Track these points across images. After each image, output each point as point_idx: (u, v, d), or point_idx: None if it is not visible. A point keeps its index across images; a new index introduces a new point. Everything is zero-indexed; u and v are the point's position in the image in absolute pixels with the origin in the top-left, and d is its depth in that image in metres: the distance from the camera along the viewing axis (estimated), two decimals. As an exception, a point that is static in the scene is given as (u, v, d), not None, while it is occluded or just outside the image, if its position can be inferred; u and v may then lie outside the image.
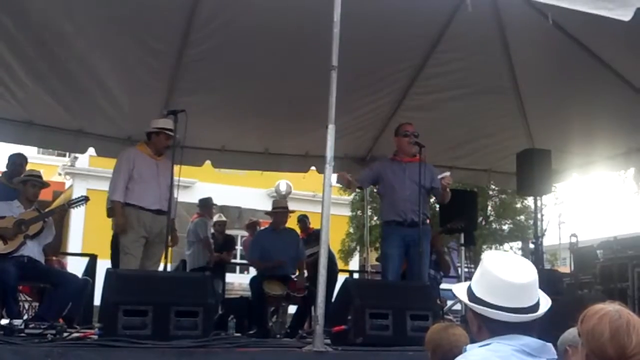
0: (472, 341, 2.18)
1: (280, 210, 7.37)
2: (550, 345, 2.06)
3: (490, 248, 21.26)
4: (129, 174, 5.89)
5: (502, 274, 2.04)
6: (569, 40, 6.34)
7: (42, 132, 7.28)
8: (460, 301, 2.11)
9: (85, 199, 6.20)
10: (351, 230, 19.56)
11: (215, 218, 9.82)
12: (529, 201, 17.10)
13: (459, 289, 2.15)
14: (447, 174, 5.97)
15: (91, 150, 7.96)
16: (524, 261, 2.11)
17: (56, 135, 7.43)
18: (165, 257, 5.58)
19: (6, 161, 6.96)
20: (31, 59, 6.11)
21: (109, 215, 7.03)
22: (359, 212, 18.69)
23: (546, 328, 2.15)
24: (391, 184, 6.03)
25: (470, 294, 2.09)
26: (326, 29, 4.37)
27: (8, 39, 5.84)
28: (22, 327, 4.41)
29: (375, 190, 7.07)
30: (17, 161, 6.88)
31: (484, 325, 2.07)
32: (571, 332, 2.87)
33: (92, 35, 6.04)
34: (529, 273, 2.06)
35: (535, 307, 2.05)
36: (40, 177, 6.09)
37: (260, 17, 5.91)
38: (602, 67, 6.67)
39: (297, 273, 7.25)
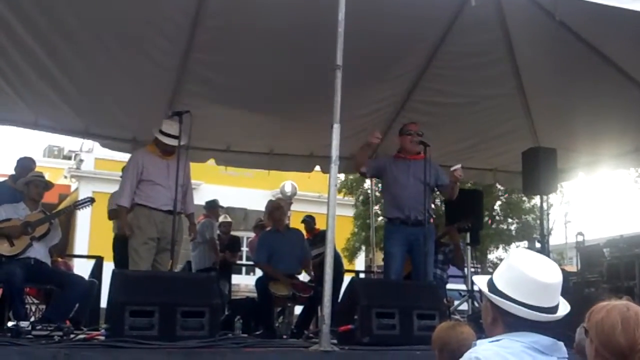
0: (480, 338, 2.17)
1: (273, 209, 7.26)
2: (561, 343, 2.05)
3: (497, 248, 21.23)
4: (137, 178, 5.82)
5: (528, 271, 2.02)
6: (574, 38, 6.30)
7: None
8: (480, 290, 2.11)
9: (91, 200, 6.21)
10: (355, 229, 19.52)
11: (221, 219, 9.83)
12: (538, 201, 17.02)
13: (480, 280, 2.14)
14: (459, 166, 5.84)
15: (97, 153, 7.99)
16: (550, 262, 2.09)
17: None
18: (172, 258, 5.56)
19: (15, 164, 6.96)
20: (37, 58, 6.10)
21: (110, 218, 7.07)
22: (362, 208, 18.67)
23: (553, 327, 2.14)
24: (394, 179, 6.01)
25: (491, 285, 2.07)
26: (331, 29, 4.37)
27: (14, 38, 5.84)
28: (29, 328, 4.43)
29: (378, 186, 7.05)
30: (26, 164, 6.86)
31: (501, 319, 2.06)
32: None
33: (97, 36, 6.04)
34: (554, 274, 2.04)
35: (554, 309, 2.04)
36: (43, 177, 6.10)
37: (265, 17, 5.90)
38: (608, 65, 6.61)
39: (302, 273, 7.24)
